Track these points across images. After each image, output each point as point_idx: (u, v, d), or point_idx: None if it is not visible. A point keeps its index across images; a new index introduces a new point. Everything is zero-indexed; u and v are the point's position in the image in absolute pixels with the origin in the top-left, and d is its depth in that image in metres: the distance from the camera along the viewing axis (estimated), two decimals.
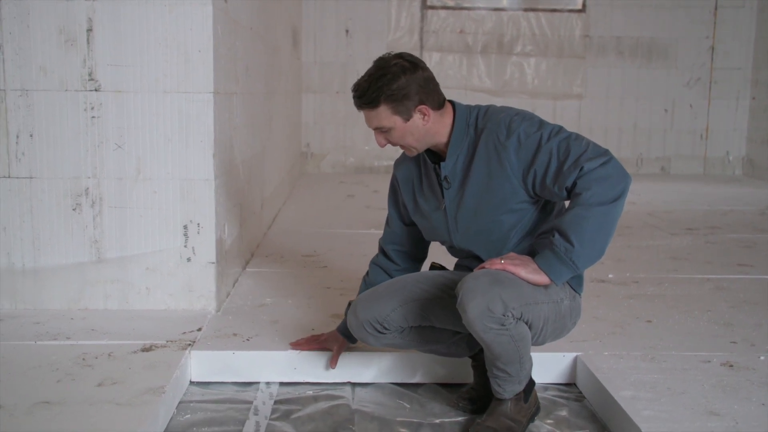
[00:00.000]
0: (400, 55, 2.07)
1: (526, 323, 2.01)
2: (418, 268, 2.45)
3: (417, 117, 2.07)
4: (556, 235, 1.97)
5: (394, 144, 2.12)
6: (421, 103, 2.06)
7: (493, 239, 2.14)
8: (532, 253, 2.10)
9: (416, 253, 2.42)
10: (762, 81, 8.55)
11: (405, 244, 2.39)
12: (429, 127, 2.09)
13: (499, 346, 1.98)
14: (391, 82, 2.02)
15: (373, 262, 2.44)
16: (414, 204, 2.29)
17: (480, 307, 1.91)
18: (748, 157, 8.86)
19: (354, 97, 2.08)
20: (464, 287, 1.95)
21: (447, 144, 2.14)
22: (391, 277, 2.39)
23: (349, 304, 2.34)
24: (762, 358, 2.52)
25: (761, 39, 8.57)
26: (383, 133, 2.09)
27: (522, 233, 2.14)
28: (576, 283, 2.13)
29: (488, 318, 1.92)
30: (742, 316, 3.01)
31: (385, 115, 2.05)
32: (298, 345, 2.53)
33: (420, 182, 2.26)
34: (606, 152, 1.98)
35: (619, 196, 1.94)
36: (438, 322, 2.19)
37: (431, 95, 2.08)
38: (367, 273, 2.45)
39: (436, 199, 2.20)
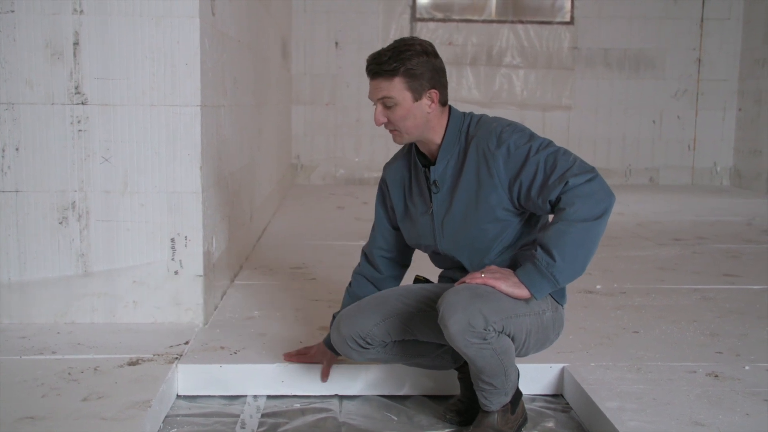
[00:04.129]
0: (423, 40, 2.12)
1: (509, 336, 2.01)
2: (401, 275, 2.45)
3: (425, 101, 2.09)
4: (539, 249, 1.97)
5: (391, 123, 2.11)
6: (433, 88, 2.09)
7: (477, 247, 2.15)
8: (513, 265, 2.11)
9: (401, 258, 2.41)
10: (748, 92, 8.62)
11: (391, 249, 2.39)
12: (430, 117, 2.11)
13: (482, 360, 1.98)
14: (413, 58, 2.05)
15: (357, 272, 2.44)
16: (404, 207, 2.30)
17: (461, 322, 1.92)
18: (735, 167, 8.92)
19: (372, 64, 2.08)
20: (445, 302, 1.96)
21: (439, 147, 2.15)
22: (375, 286, 2.39)
23: (334, 317, 2.34)
24: (747, 368, 2.53)
25: (747, 51, 8.65)
26: (387, 108, 2.09)
27: (504, 244, 2.14)
28: (558, 295, 2.14)
29: (469, 333, 1.93)
30: (728, 327, 3.02)
31: (398, 87, 2.06)
32: (290, 357, 2.51)
33: (410, 185, 2.27)
34: (592, 169, 2.00)
35: (602, 214, 1.95)
36: (421, 336, 2.19)
37: (443, 86, 2.13)
38: (350, 284, 2.44)
39: (425, 203, 2.21)
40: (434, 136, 2.15)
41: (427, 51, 2.08)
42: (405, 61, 2.04)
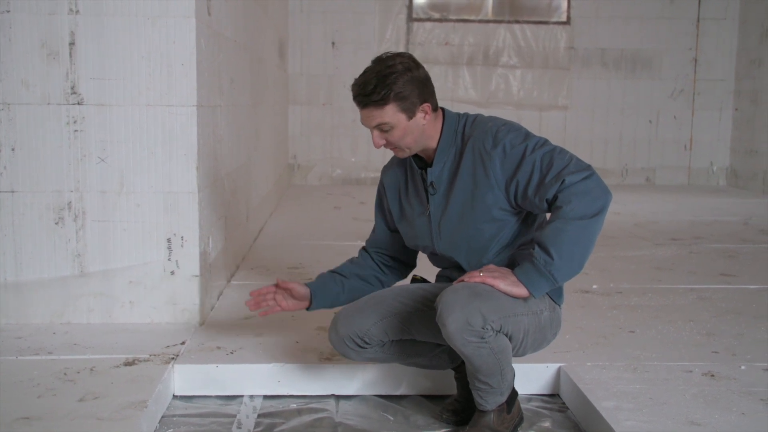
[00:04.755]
0: (401, 54, 2.10)
1: (506, 335, 2.01)
2: (404, 273, 2.45)
3: (419, 116, 2.08)
4: (536, 248, 1.98)
5: (390, 143, 2.11)
6: (424, 101, 2.09)
7: (475, 247, 2.16)
8: (511, 264, 2.11)
9: (402, 257, 2.41)
10: (744, 92, 8.64)
11: (390, 249, 2.39)
12: (426, 128, 2.11)
13: (479, 358, 1.99)
14: (399, 80, 2.03)
15: (364, 249, 2.43)
16: (399, 209, 2.30)
17: (459, 320, 1.92)
18: (731, 167, 8.94)
19: (359, 95, 2.05)
20: (443, 301, 1.96)
21: (435, 150, 2.15)
22: (378, 266, 2.38)
23: (329, 272, 2.37)
24: (743, 367, 2.53)
25: (743, 51, 8.67)
26: (383, 132, 2.09)
27: (502, 244, 2.15)
28: (556, 295, 2.14)
29: (468, 331, 1.93)
30: (724, 326, 3.03)
31: (390, 113, 2.05)
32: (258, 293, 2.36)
33: (406, 187, 2.28)
34: (588, 167, 2.00)
35: (599, 212, 1.95)
36: (419, 336, 2.20)
37: (432, 95, 2.12)
38: (356, 256, 2.43)
39: (421, 204, 2.22)
40: (431, 142, 2.15)
41: (409, 67, 2.06)
42: (392, 86, 2.02)
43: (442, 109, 2.19)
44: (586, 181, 1.96)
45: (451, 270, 2.26)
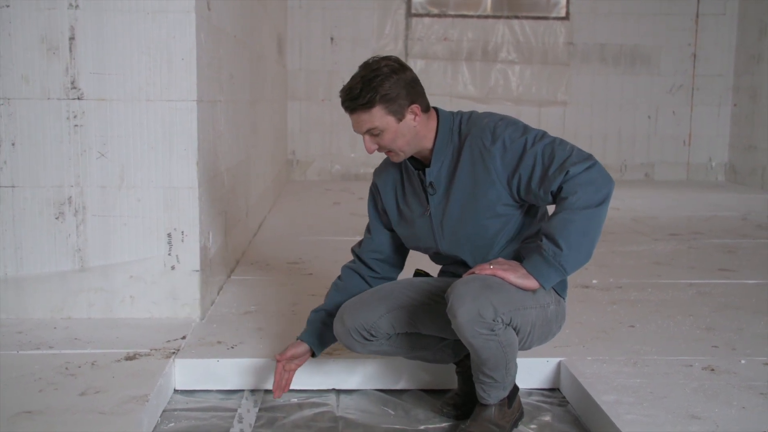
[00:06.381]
0: (387, 57, 2.09)
1: (514, 328, 2.02)
2: (394, 278, 2.42)
3: (409, 117, 2.08)
4: (544, 239, 1.98)
5: (383, 148, 2.11)
6: (413, 102, 2.08)
7: (480, 244, 2.15)
8: (519, 257, 2.11)
9: (395, 260, 2.39)
10: (743, 88, 8.64)
11: (385, 251, 2.35)
12: (418, 129, 2.10)
13: (487, 351, 1.99)
14: (384, 83, 2.02)
15: (348, 267, 2.38)
16: (397, 211, 2.29)
17: (471, 312, 1.92)
18: (730, 163, 8.94)
19: (346, 100, 2.06)
20: (454, 292, 1.96)
21: (431, 150, 2.15)
22: (367, 282, 2.35)
23: (312, 313, 2.32)
24: (743, 361, 2.54)
25: (742, 46, 8.67)
26: (374, 136, 2.09)
27: (507, 238, 2.15)
28: (561, 288, 2.14)
29: (478, 323, 1.93)
30: (724, 321, 3.04)
31: (379, 116, 2.05)
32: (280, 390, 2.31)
33: (402, 189, 2.26)
34: (590, 156, 2.00)
35: (604, 200, 1.97)
36: (425, 329, 2.19)
37: (421, 96, 2.11)
38: (339, 278, 2.38)
39: (421, 205, 2.21)
40: (426, 143, 2.14)
41: (395, 69, 2.05)
42: (378, 89, 2.02)
43: (435, 109, 2.18)
44: (590, 170, 1.97)
45: (456, 266, 2.26)
